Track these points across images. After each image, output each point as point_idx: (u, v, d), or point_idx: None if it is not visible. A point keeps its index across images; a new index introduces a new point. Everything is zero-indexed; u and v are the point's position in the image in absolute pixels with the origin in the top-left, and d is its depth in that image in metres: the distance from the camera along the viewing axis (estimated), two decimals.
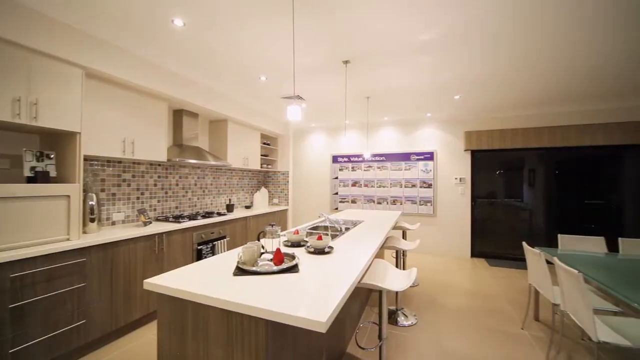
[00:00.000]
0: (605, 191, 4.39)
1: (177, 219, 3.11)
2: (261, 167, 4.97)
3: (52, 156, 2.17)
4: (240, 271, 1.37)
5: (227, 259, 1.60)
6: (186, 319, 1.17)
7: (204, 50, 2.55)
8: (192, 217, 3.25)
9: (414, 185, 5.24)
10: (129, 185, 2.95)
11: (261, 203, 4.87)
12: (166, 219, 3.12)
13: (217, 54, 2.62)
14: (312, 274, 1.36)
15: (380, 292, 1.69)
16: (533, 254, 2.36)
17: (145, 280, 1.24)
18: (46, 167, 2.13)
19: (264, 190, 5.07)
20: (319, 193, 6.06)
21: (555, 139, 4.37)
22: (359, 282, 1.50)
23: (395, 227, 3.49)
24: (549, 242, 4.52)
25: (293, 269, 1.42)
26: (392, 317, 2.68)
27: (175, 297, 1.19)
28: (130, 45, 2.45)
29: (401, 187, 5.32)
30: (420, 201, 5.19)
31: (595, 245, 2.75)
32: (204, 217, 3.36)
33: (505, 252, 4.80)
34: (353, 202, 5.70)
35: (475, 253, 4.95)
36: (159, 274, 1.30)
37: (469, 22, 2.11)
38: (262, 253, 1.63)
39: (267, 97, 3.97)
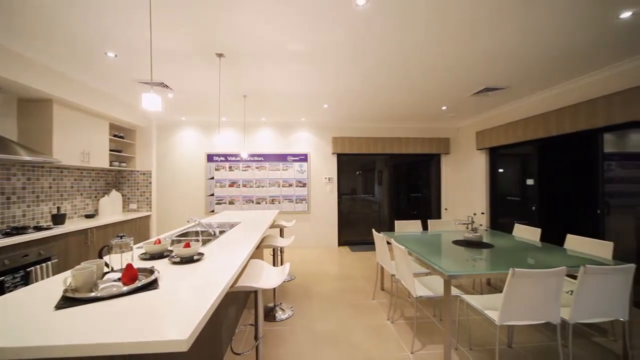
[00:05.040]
0: (421, 187, 6.13)
1: None
2: (111, 165, 3.99)
3: None
4: (67, 302, 1.05)
5: (45, 289, 1.20)
6: None
7: None
8: None
9: (290, 185, 5.54)
10: None
11: (111, 210, 3.92)
12: None
13: (25, 4, 1.91)
14: (176, 288, 1.20)
15: (255, 292, 1.69)
16: (378, 238, 2.97)
17: None
18: None
19: (115, 193, 4.10)
20: (191, 195, 5.44)
21: (392, 147, 5.69)
22: (231, 286, 1.45)
23: (273, 226, 3.58)
24: (390, 227, 5.82)
25: (151, 285, 1.21)
26: (271, 313, 2.74)
27: None
28: None
29: (279, 186, 5.53)
30: (296, 199, 5.55)
31: (415, 226, 3.74)
32: (8, 234, 2.38)
33: (362, 239, 5.83)
34: (231, 203, 5.45)
35: (341, 242, 5.75)
36: None
37: (326, 45, 2.43)
38: (106, 273, 1.31)
39: (118, 79, 3.23)
